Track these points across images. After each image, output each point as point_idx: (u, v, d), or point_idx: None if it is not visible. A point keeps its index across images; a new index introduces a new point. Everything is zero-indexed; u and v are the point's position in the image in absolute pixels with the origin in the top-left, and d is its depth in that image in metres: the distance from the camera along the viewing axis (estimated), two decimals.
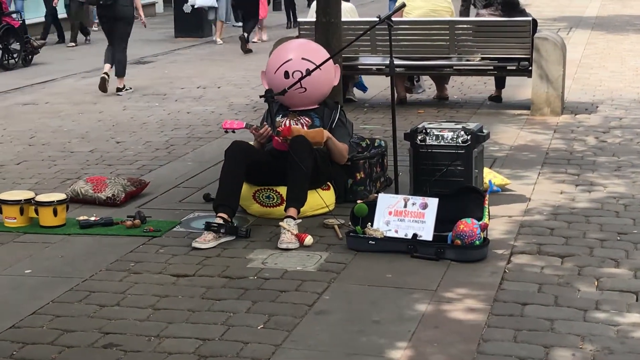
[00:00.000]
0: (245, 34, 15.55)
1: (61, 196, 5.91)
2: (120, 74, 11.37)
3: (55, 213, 5.78)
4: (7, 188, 6.69)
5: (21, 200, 5.85)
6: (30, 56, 14.46)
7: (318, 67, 5.97)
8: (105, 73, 11.27)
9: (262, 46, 15.97)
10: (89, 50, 16.18)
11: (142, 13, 12.23)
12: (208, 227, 5.40)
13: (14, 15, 14.58)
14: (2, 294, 4.73)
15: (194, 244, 5.33)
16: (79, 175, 7.15)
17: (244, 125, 5.83)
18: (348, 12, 9.56)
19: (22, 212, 5.83)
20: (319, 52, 6.21)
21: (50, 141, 8.66)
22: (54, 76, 13.18)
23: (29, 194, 5.97)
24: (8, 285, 4.87)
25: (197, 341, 4.07)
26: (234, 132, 5.88)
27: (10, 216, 5.84)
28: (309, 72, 5.96)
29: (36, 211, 5.82)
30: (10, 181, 7.13)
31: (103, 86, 11.20)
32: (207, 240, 5.33)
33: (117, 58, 11.29)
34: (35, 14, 17.86)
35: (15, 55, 14.19)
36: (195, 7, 16.56)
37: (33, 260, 5.26)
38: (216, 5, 16.66)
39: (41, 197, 5.88)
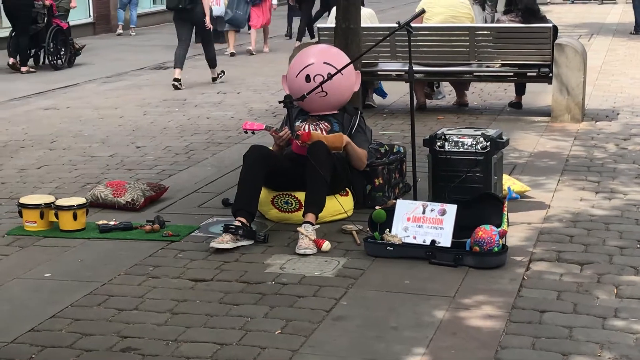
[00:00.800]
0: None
1: (81, 200, 5.95)
2: (213, 65, 12.76)
3: (75, 217, 5.81)
4: (28, 192, 6.74)
5: (41, 204, 5.89)
6: (73, 57, 14.89)
7: (339, 71, 5.97)
8: (175, 79, 12.25)
9: (277, 55, 15.96)
10: (110, 56, 16.26)
11: (208, 17, 12.71)
12: (226, 229, 5.42)
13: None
14: (22, 297, 4.77)
15: (212, 244, 5.35)
16: (99, 180, 7.18)
17: (263, 127, 5.85)
18: (367, 18, 9.56)
19: (42, 216, 5.87)
20: (341, 57, 6.22)
21: (71, 145, 8.71)
22: (76, 81, 13.26)
23: (49, 198, 6.00)
24: (28, 288, 4.90)
25: (215, 346, 4.08)
26: (253, 133, 5.90)
27: (30, 220, 5.87)
28: (330, 76, 5.97)
29: (56, 215, 5.85)
30: (30, 185, 7.17)
31: (177, 88, 12.21)
32: (225, 241, 5.35)
33: (210, 56, 12.67)
34: None
35: (62, 56, 14.62)
36: None
37: (52, 264, 5.29)
38: (222, 15, 16.19)
39: (61, 202, 5.92)
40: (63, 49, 14.60)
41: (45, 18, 14.20)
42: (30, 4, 13.98)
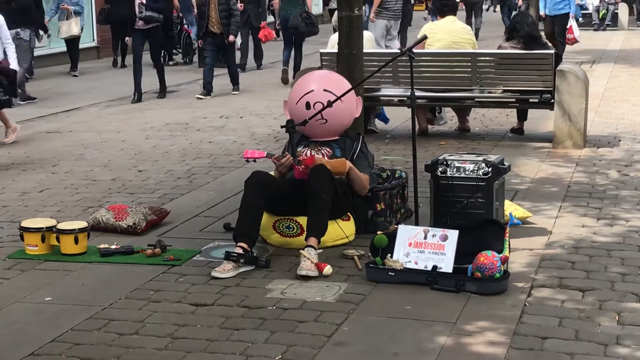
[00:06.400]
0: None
1: (82, 224, 5.95)
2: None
3: (76, 241, 5.81)
4: (30, 215, 6.74)
5: (43, 227, 5.89)
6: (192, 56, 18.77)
7: (339, 98, 5.99)
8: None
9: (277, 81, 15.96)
10: (113, 79, 16.30)
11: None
12: (227, 256, 5.41)
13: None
14: (22, 321, 4.76)
15: (213, 274, 5.34)
16: (101, 204, 7.19)
17: (265, 155, 5.85)
18: (368, 41, 9.57)
19: (43, 239, 5.87)
20: (341, 83, 6.24)
21: (73, 169, 8.72)
22: (78, 105, 13.28)
23: (51, 222, 6.00)
24: (28, 312, 4.89)
25: None
26: (255, 161, 5.90)
27: (31, 244, 5.87)
28: (330, 104, 5.99)
29: (57, 239, 5.85)
30: (32, 209, 7.18)
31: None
32: (226, 270, 5.34)
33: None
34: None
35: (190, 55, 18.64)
36: None
37: (53, 287, 5.28)
38: None
39: (63, 225, 5.92)
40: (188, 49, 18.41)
41: (178, 26, 18.62)
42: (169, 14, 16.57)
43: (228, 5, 14.16)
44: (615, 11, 27.04)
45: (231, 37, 14.18)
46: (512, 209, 6.20)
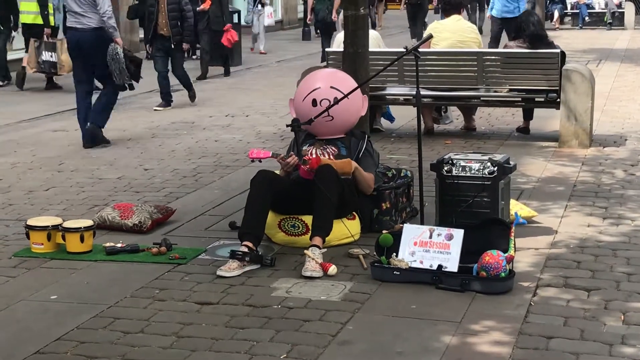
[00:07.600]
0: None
1: (88, 222, 5.95)
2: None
3: (82, 239, 5.82)
4: (35, 214, 6.75)
5: (49, 226, 5.90)
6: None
7: (346, 96, 5.99)
8: None
9: (287, 79, 15.99)
10: None
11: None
12: (233, 255, 5.42)
13: None
14: (28, 320, 4.77)
15: (219, 272, 5.34)
16: (107, 202, 7.19)
17: (270, 155, 5.85)
18: (374, 40, 9.57)
19: (49, 238, 5.88)
20: (347, 81, 6.24)
21: (79, 167, 8.73)
22: None
23: (57, 220, 6.01)
24: (34, 310, 4.90)
25: None
26: (260, 161, 5.90)
27: (37, 242, 5.88)
28: (337, 101, 5.99)
29: (63, 237, 5.86)
30: (38, 207, 7.19)
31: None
32: (231, 269, 5.35)
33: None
34: None
35: None
36: None
37: (59, 286, 5.29)
38: None
39: (68, 223, 5.93)
40: None
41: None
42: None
43: (179, 5, 12.54)
44: (621, 10, 26.99)
45: (185, 45, 12.94)
46: (518, 208, 6.19)
